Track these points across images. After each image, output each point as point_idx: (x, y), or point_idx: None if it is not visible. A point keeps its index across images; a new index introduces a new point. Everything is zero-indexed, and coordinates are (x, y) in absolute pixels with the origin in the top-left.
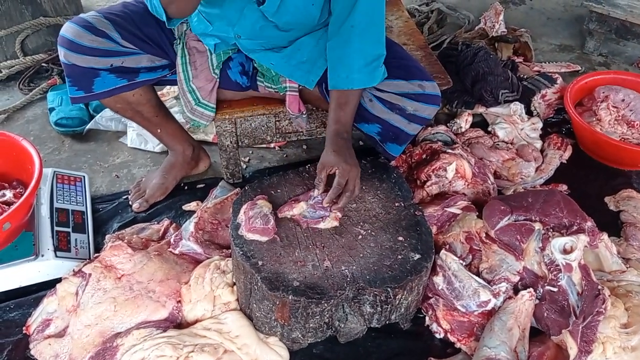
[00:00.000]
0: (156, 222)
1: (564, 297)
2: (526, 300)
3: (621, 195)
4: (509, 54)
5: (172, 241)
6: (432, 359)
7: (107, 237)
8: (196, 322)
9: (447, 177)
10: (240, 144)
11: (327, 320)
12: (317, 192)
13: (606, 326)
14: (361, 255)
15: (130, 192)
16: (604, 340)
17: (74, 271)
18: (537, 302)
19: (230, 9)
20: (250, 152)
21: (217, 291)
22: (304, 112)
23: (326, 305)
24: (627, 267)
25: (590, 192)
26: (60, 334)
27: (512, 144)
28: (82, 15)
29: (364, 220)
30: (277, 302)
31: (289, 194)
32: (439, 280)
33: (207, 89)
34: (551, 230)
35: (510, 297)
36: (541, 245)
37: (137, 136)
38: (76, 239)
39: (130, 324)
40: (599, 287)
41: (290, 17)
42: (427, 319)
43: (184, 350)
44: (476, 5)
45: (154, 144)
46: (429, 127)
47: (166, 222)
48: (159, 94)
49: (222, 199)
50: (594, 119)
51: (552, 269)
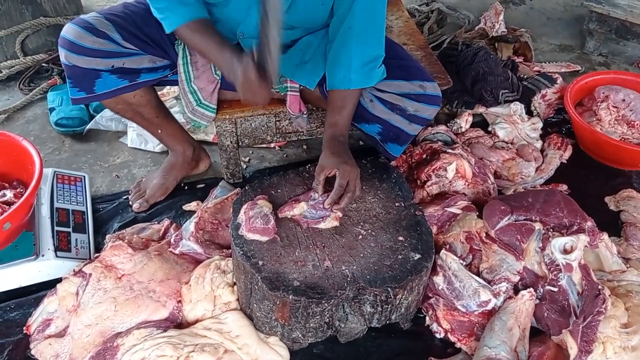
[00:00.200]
0: (156, 222)
1: (564, 297)
2: (526, 300)
3: (621, 195)
4: (509, 54)
5: (172, 241)
6: (432, 358)
7: (107, 237)
8: (196, 322)
9: (447, 177)
10: (240, 144)
11: (327, 320)
12: (317, 195)
13: (606, 326)
14: (361, 255)
15: (130, 192)
16: (604, 340)
17: (74, 271)
18: (538, 302)
19: (236, 8)
20: (250, 152)
21: (218, 291)
22: (305, 112)
23: (326, 305)
24: (627, 267)
25: (590, 192)
26: (60, 334)
27: (512, 143)
28: (83, 16)
29: (364, 220)
30: (278, 302)
31: (289, 194)
32: (439, 280)
33: (208, 90)
34: (551, 230)
35: (510, 297)
36: (541, 245)
37: (137, 136)
38: (76, 239)
39: (130, 324)
40: (599, 287)
41: (299, 16)
42: (427, 318)
43: (184, 350)
44: (476, 5)
45: (154, 144)
46: (429, 127)
47: (166, 222)
48: (159, 94)
49: (222, 199)
50: (594, 119)
51: (552, 269)
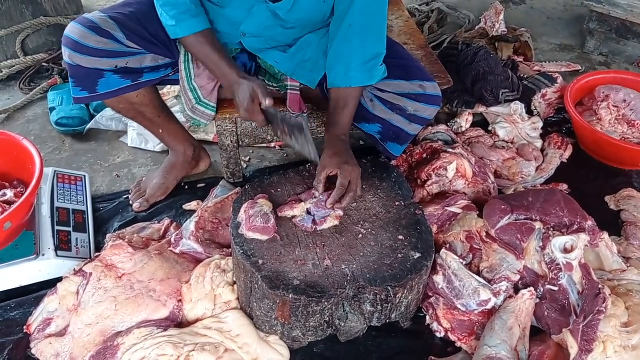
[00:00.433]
0: (157, 222)
1: (564, 296)
2: (527, 299)
3: (621, 194)
4: (510, 53)
5: (172, 240)
6: (432, 358)
7: (107, 236)
8: (197, 321)
9: (447, 177)
10: (240, 143)
11: (327, 319)
12: (318, 194)
13: (607, 325)
14: (361, 254)
15: (130, 191)
16: (604, 339)
17: (74, 270)
18: (538, 301)
19: (238, 8)
20: (250, 151)
21: (218, 290)
22: (305, 111)
23: (327, 304)
24: (627, 266)
25: (590, 192)
26: (61, 333)
27: (512, 143)
28: (87, 15)
29: (364, 219)
30: (278, 301)
31: (289, 193)
32: (439, 279)
33: (208, 88)
34: (552, 229)
35: (510, 296)
36: (542, 244)
37: (137, 136)
38: (77, 239)
39: (131, 323)
40: (600, 286)
41: (302, 14)
42: (427, 318)
43: (184, 349)
44: (476, 5)
45: (154, 144)
46: (430, 127)
47: (167, 221)
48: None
49: (222, 199)
50: (595, 119)
51: (552, 268)
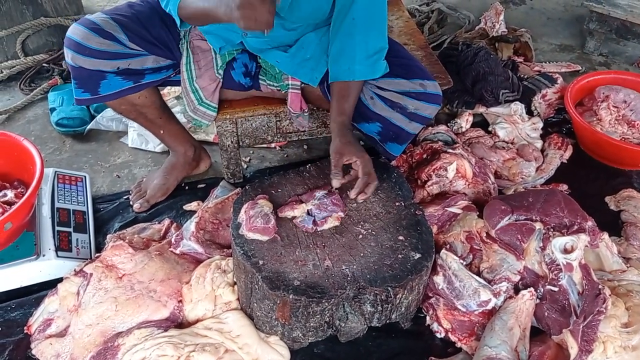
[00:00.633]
0: (157, 222)
1: (564, 296)
2: (527, 299)
3: (622, 195)
4: (510, 53)
5: (173, 241)
6: (432, 358)
7: (108, 237)
8: (197, 321)
9: (447, 177)
10: (241, 144)
11: (327, 319)
12: (337, 184)
13: (607, 325)
14: (362, 254)
15: (131, 192)
16: (604, 339)
17: (75, 271)
18: (538, 301)
19: None
20: (251, 152)
21: (218, 291)
22: (306, 110)
23: (327, 304)
24: (627, 267)
25: (590, 192)
26: (61, 334)
27: (512, 143)
28: (89, 16)
29: (364, 219)
30: (278, 302)
31: (289, 194)
32: (439, 279)
33: (210, 89)
34: (552, 229)
35: (511, 297)
36: (542, 244)
37: (138, 136)
38: (77, 239)
39: (131, 324)
40: (600, 286)
41: (301, 12)
42: (427, 318)
43: (185, 349)
44: (476, 5)
45: (154, 144)
46: (430, 127)
47: (167, 222)
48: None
49: (223, 199)
50: (595, 119)
51: (552, 269)
